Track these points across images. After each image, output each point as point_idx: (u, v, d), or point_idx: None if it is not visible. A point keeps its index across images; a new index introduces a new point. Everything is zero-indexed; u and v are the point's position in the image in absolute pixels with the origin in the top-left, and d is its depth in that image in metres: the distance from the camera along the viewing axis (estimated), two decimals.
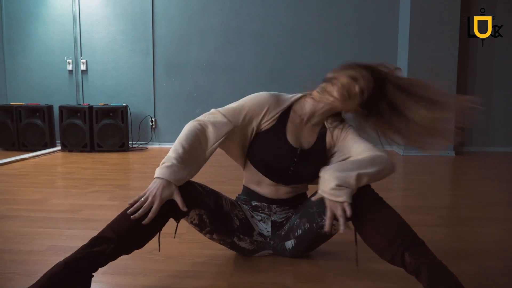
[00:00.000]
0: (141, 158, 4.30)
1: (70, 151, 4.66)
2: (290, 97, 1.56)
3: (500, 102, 4.82)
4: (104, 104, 4.74)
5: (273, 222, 1.61)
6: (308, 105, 1.53)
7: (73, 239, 1.91)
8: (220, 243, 1.59)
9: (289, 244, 1.57)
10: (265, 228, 1.61)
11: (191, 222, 1.49)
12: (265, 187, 1.59)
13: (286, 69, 4.94)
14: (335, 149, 1.55)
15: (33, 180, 3.23)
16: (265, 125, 1.51)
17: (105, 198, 2.67)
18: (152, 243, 1.41)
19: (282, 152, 1.51)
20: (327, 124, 1.56)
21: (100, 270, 1.34)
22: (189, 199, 1.37)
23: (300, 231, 1.52)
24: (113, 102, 4.98)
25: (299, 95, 1.57)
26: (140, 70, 5.06)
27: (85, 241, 1.82)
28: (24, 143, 4.64)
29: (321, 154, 1.55)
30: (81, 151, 4.64)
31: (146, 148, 4.97)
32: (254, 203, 1.62)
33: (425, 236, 1.83)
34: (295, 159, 1.51)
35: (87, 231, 2.02)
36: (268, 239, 1.61)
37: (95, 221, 2.18)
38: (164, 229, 1.41)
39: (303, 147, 1.53)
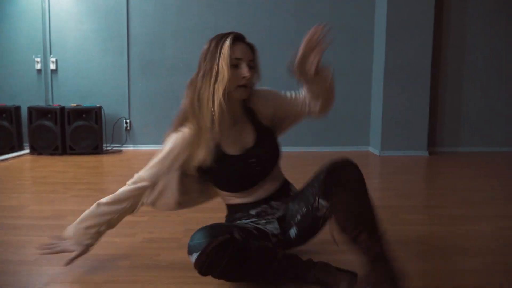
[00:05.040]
0: (117, 161, 4.15)
1: (40, 154, 4.44)
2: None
3: (470, 103, 4.98)
4: (77, 105, 4.55)
5: (279, 219, 1.53)
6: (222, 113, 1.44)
7: None
8: None
9: (293, 232, 1.50)
10: (275, 227, 1.52)
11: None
12: (255, 195, 1.52)
13: (263, 70, 4.90)
14: (278, 114, 1.58)
15: (5, 185, 3.05)
16: (199, 157, 1.45)
17: (88, 203, 2.52)
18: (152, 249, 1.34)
19: (238, 167, 1.48)
20: (251, 106, 1.56)
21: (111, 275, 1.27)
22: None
23: (299, 217, 1.48)
24: (85, 103, 4.78)
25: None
26: (114, 69, 4.90)
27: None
28: None
29: (269, 133, 1.56)
30: (52, 154, 4.42)
31: (121, 150, 4.81)
32: (252, 212, 1.53)
33: (420, 235, 1.85)
34: (251, 160, 1.48)
35: None
36: (279, 236, 1.51)
37: None
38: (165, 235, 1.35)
39: (248, 147, 1.51)
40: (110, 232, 1.70)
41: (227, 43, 1.41)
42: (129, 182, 1.51)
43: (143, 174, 1.48)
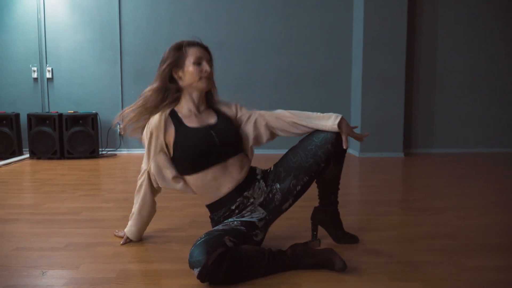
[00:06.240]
0: (113, 164, 4.40)
1: (39, 158, 4.66)
2: (163, 105, 1.84)
3: (441, 108, 5.40)
4: (74, 112, 4.79)
5: (261, 205, 1.80)
6: (186, 101, 1.84)
7: (87, 236, 2.08)
8: None
9: (287, 204, 1.82)
10: (260, 213, 1.79)
11: None
12: (223, 183, 1.78)
13: (251, 76, 5.23)
14: (240, 116, 1.91)
15: (16, 186, 3.29)
16: (170, 136, 1.79)
17: (98, 201, 2.82)
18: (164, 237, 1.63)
19: (200, 136, 1.76)
20: (216, 106, 1.91)
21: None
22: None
23: (299, 187, 1.80)
24: (80, 109, 5.03)
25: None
26: (107, 78, 5.15)
27: (99, 238, 2.03)
28: None
29: (230, 121, 1.87)
30: (50, 159, 4.65)
31: (115, 154, 5.06)
32: (233, 207, 1.79)
33: (392, 223, 2.21)
34: (212, 132, 1.78)
35: (96, 229, 2.19)
36: (266, 217, 1.79)
37: (99, 221, 2.35)
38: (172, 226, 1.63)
39: (210, 124, 1.82)
40: (127, 222, 1.99)
41: (190, 45, 1.82)
42: (138, 179, 1.95)
43: (142, 164, 1.90)
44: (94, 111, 4.86)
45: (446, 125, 5.42)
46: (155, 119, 1.79)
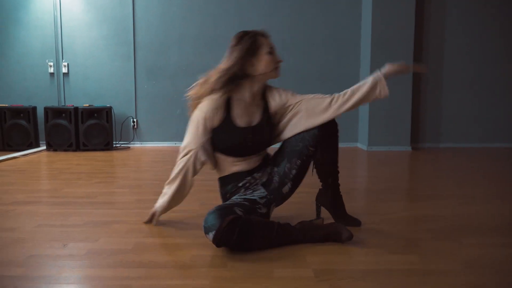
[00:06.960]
0: (127, 156, 4.54)
1: (55, 150, 4.82)
2: (220, 94, 1.87)
3: (449, 103, 5.45)
4: (89, 105, 4.94)
5: (263, 184, 1.93)
6: (245, 90, 1.90)
7: (104, 215, 2.21)
8: None
9: (286, 188, 1.92)
10: (261, 192, 1.90)
11: None
12: (240, 166, 1.94)
13: None
14: (284, 105, 1.96)
15: (35, 174, 3.44)
16: (216, 121, 1.87)
17: (113, 187, 2.95)
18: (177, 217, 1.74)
19: (238, 136, 1.87)
20: (267, 97, 1.97)
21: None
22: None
23: (294, 171, 1.90)
24: (95, 103, 5.17)
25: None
26: (121, 73, 5.29)
27: (115, 217, 2.16)
28: (9, 143, 4.76)
29: (269, 121, 1.95)
30: (66, 150, 4.81)
31: (129, 147, 5.20)
32: (240, 184, 1.94)
33: (392, 208, 2.30)
34: (250, 135, 1.89)
35: (112, 210, 2.32)
36: (267, 196, 1.90)
37: (114, 203, 2.48)
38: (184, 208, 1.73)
39: (252, 124, 1.91)
40: (140, 205, 2.10)
41: (263, 35, 1.95)
42: (180, 156, 1.94)
43: (185, 143, 1.91)
44: (108, 105, 5.00)
45: (452, 121, 5.46)
46: (210, 103, 1.85)
